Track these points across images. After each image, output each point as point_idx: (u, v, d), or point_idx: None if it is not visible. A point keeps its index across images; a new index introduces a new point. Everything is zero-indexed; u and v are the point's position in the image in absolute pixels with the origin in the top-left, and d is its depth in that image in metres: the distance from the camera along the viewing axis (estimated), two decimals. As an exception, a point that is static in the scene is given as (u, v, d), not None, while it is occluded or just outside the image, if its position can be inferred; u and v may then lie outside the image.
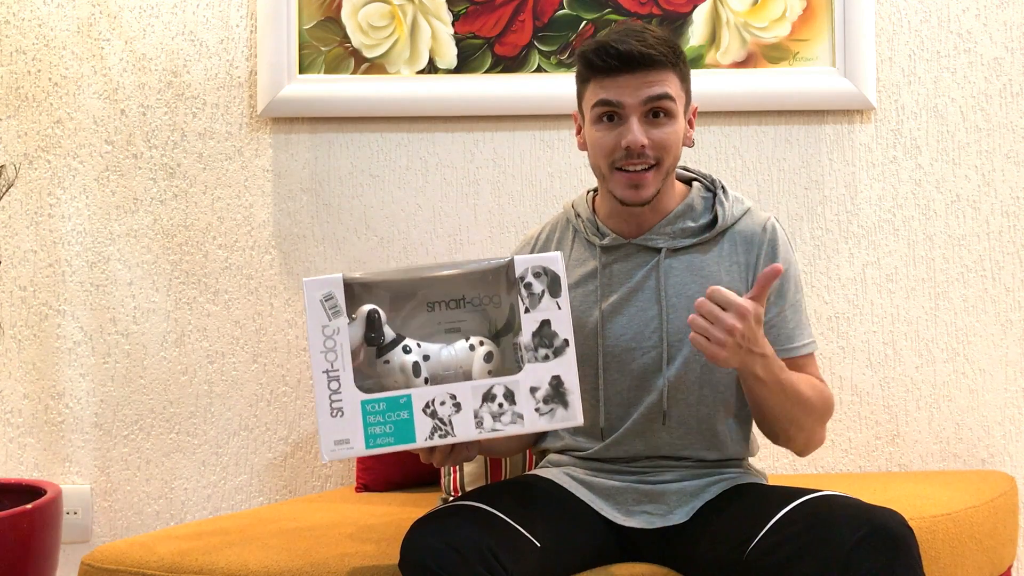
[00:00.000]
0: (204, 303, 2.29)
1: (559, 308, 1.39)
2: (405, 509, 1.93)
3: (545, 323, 1.38)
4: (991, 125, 2.25)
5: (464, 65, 2.25)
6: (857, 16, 2.20)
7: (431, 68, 2.25)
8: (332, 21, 2.25)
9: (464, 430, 1.36)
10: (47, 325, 2.28)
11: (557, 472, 1.63)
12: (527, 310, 1.38)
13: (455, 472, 1.98)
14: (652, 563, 1.55)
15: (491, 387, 1.37)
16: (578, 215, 1.67)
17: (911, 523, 1.35)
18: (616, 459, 1.60)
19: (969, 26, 2.24)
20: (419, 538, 1.35)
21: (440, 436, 1.36)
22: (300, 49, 2.25)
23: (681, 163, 1.64)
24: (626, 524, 1.55)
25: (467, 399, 1.36)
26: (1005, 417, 2.24)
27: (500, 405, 1.36)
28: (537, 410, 1.37)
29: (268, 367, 2.28)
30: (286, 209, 2.28)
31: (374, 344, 1.40)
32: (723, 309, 1.38)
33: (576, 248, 1.66)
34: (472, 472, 1.97)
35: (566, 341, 1.38)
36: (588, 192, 1.71)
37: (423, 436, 1.35)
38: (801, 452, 1.60)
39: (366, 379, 1.39)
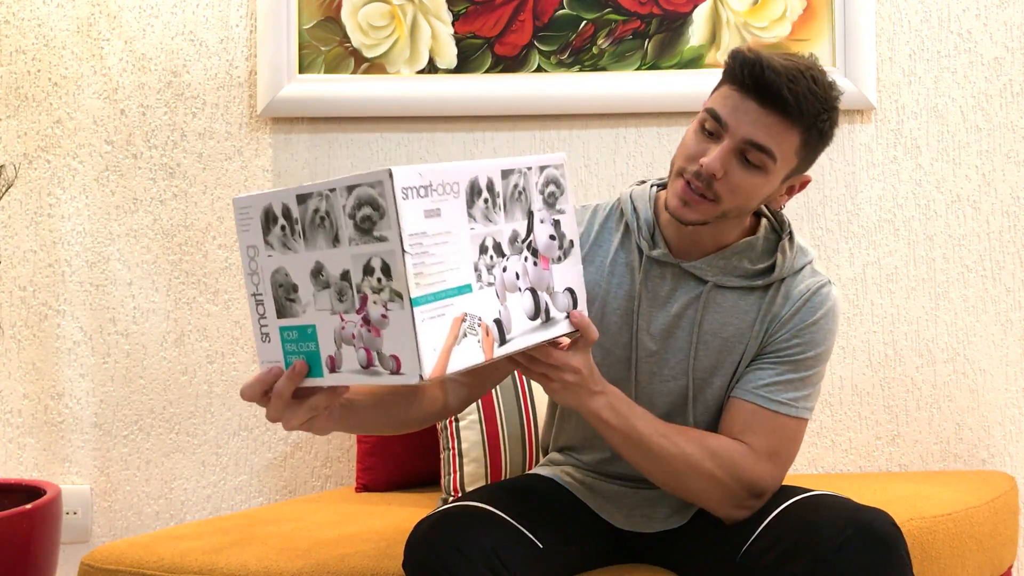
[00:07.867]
0: (204, 303, 2.28)
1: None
2: (405, 509, 1.93)
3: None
4: (991, 125, 2.25)
5: (464, 65, 2.25)
6: (857, 16, 2.20)
7: (431, 68, 2.25)
8: (332, 21, 2.25)
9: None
10: (47, 325, 2.28)
11: (558, 472, 1.62)
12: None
13: (455, 472, 1.98)
14: (650, 565, 1.55)
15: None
16: (635, 211, 1.54)
17: (911, 523, 1.35)
18: (621, 475, 1.59)
19: (969, 26, 2.24)
20: (424, 539, 1.35)
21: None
22: (300, 49, 2.25)
23: None
24: (624, 528, 1.55)
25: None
26: (1005, 417, 2.24)
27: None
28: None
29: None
30: (286, 209, 2.28)
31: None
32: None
33: (619, 251, 1.54)
34: (472, 472, 1.97)
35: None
36: (652, 187, 1.56)
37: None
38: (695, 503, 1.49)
39: None
